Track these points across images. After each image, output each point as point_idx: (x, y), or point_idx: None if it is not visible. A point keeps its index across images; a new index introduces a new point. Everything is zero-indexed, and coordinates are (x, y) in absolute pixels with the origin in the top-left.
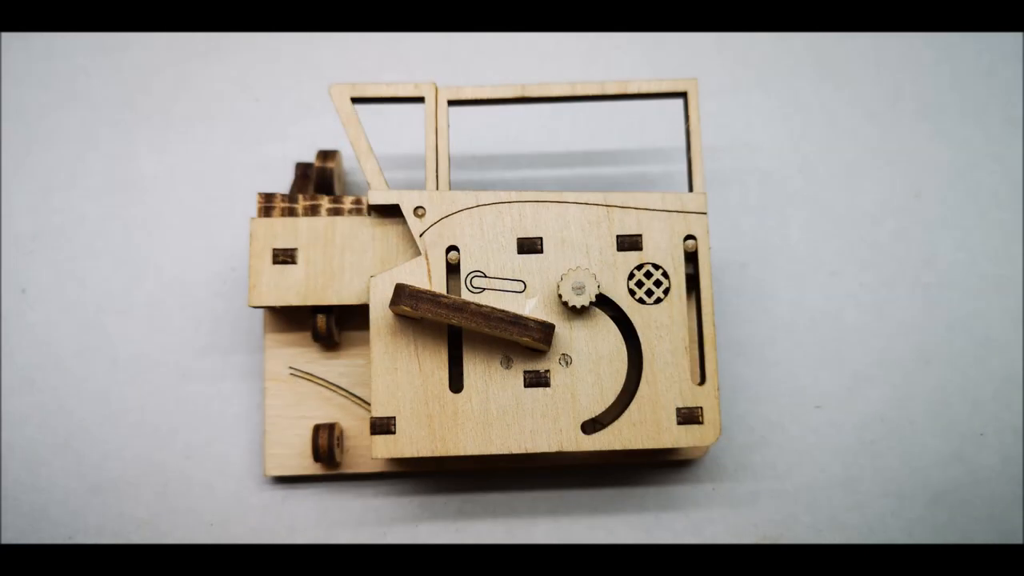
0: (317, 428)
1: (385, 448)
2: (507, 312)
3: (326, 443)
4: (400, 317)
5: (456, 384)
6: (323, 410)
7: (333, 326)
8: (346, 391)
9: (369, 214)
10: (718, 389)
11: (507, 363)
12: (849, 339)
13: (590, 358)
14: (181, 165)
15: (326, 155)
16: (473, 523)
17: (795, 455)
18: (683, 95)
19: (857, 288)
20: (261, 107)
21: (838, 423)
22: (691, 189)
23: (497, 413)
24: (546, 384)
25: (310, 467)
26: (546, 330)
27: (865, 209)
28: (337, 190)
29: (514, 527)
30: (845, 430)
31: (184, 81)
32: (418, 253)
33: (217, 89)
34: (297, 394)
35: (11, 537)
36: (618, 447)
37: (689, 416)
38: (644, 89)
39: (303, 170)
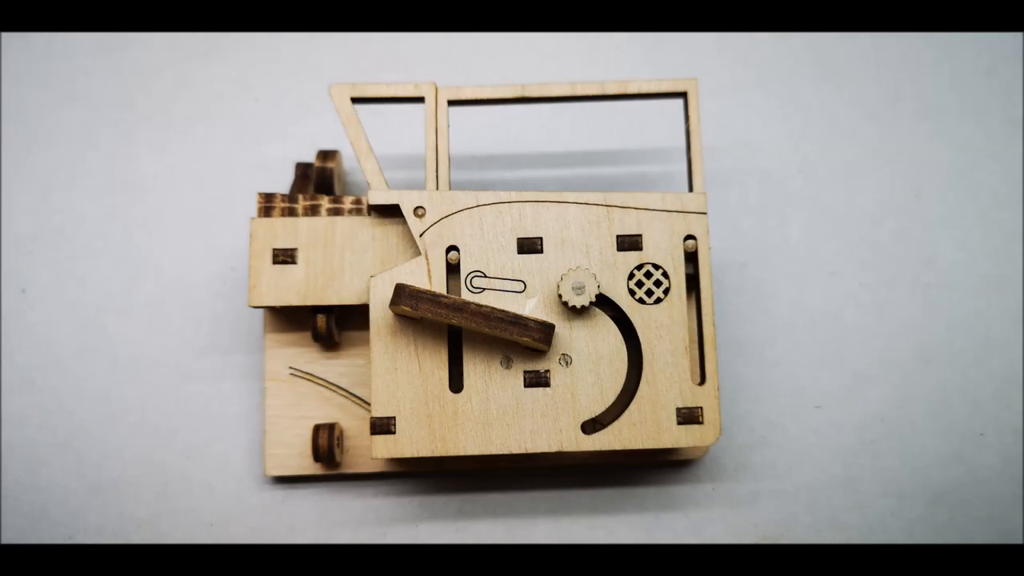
0: (317, 428)
1: (385, 448)
2: (507, 312)
3: (326, 443)
4: (400, 317)
5: (456, 384)
6: (323, 410)
7: (333, 326)
8: (346, 391)
9: (369, 214)
10: (718, 389)
11: (507, 363)
12: (849, 339)
13: (590, 358)
14: (181, 165)
15: (326, 155)
16: (473, 523)
17: (795, 455)
18: (683, 95)
19: (857, 288)
20: (261, 107)
21: (838, 423)
22: (691, 189)
23: (497, 413)
24: (546, 384)
25: (310, 467)
26: (546, 330)
27: (865, 209)
28: (337, 190)
29: (514, 527)
30: (845, 430)
31: (184, 81)
32: (418, 253)
33: (217, 89)
34: (297, 394)
35: (11, 537)
36: (618, 447)
37: (689, 416)
38: (644, 89)
39: (303, 170)
